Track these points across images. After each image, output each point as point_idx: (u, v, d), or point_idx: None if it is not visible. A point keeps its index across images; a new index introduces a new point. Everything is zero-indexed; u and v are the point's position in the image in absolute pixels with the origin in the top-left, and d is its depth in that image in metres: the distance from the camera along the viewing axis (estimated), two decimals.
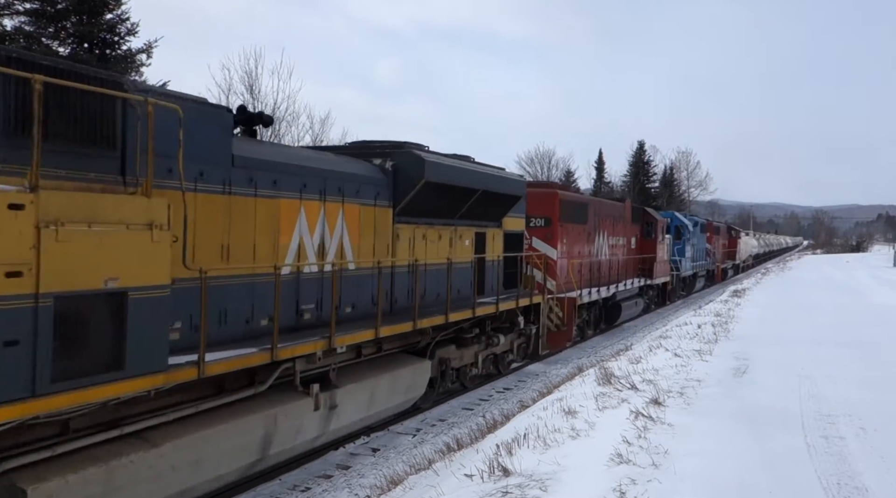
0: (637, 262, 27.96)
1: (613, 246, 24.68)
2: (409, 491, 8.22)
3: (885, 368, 13.73)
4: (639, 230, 28.61)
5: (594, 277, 22.17)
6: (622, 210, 26.48)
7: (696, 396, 10.62)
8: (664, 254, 31.01)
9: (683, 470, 7.19)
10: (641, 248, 28.68)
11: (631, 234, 27.31)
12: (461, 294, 13.13)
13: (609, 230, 24.11)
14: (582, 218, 21.46)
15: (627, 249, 26.74)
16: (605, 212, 24.07)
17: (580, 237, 21.29)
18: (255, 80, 29.88)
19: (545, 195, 19.75)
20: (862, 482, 7.27)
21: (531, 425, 9.08)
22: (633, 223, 27.55)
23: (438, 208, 12.49)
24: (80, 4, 20.24)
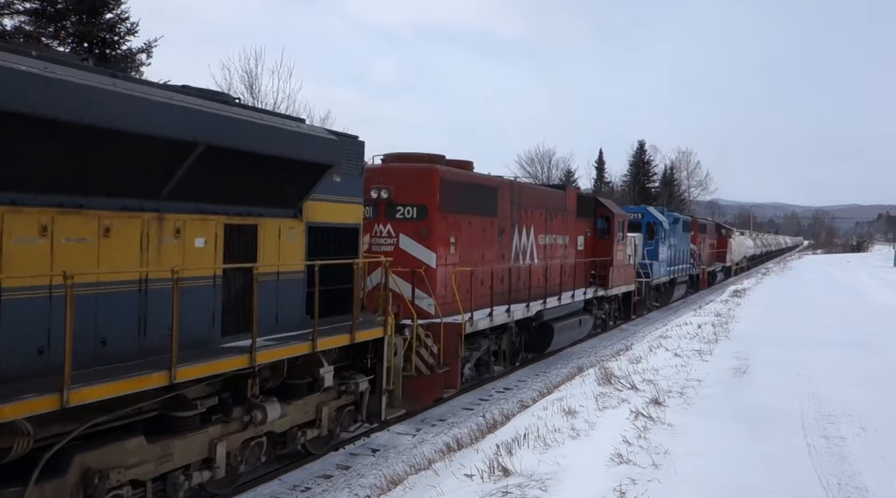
0: (587, 267, 21.85)
1: (547, 247, 18.87)
2: (409, 491, 8.21)
3: (886, 367, 13.72)
4: (589, 227, 22.58)
5: (511, 290, 15.97)
6: (562, 200, 20.20)
7: (696, 396, 10.62)
8: (626, 257, 24.96)
9: (683, 470, 7.18)
10: (594, 249, 22.64)
11: (577, 232, 21.37)
12: (186, 335, 7.42)
13: (539, 226, 18.25)
14: (486, 207, 15.48)
15: (571, 251, 20.71)
16: (530, 201, 17.85)
17: (483, 235, 15.32)
18: (255, 79, 29.86)
19: (418, 173, 13.57)
20: (862, 482, 7.27)
21: (531, 425, 9.07)
22: (580, 218, 21.52)
23: (88, 174, 6.63)
24: (80, 4, 20.24)
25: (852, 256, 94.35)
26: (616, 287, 23.63)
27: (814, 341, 16.90)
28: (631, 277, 25.62)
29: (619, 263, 23.69)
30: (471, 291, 14.09)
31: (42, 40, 20.34)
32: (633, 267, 25.97)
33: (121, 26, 21.13)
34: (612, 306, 24.56)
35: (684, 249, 36.32)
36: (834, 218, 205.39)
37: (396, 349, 11.52)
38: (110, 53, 21.14)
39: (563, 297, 18.72)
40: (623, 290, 24.81)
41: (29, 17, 20.45)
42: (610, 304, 24.15)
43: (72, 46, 20.81)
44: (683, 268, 36.10)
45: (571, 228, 20.76)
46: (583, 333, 20.68)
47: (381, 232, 13.43)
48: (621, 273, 23.96)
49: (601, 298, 22.63)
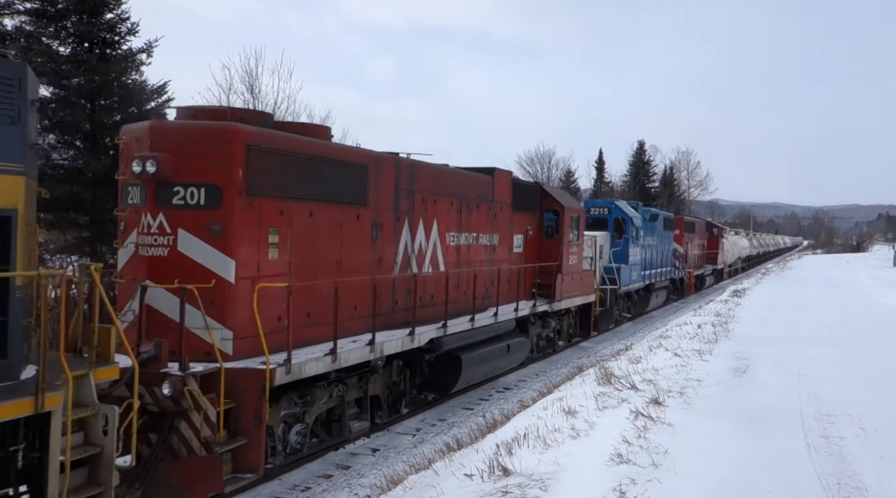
0: (529, 275, 17.04)
1: (462, 250, 14.35)
2: (409, 491, 8.22)
3: (886, 367, 13.73)
4: (532, 224, 17.86)
5: (395, 310, 12.00)
6: (487, 188, 15.31)
7: (696, 396, 10.63)
8: (582, 260, 20.01)
9: (683, 470, 7.19)
10: (539, 252, 17.91)
11: (513, 230, 16.66)
12: None
13: (448, 221, 13.70)
14: (347, 193, 10.75)
15: (503, 254, 16.08)
16: (433, 187, 13.22)
17: (341, 233, 10.62)
18: (256, 79, 29.84)
19: (206, 136, 8.94)
20: (862, 482, 7.28)
21: (531, 425, 9.08)
22: (518, 212, 16.80)
23: None
24: (81, 4, 20.22)
25: (852, 255, 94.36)
26: (567, 299, 18.64)
27: (814, 341, 16.91)
28: (589, 285, 20.63)
29: (572, 269, 18.77)
30: (311, 315, 9.82)
31: (42, 40, 20.35)
32: (592, 273, 21.06)
33: (121, 26, 21.09)
34: (565, 322, 19.84)
35: (666, 250, 32.03)
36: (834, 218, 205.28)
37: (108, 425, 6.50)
38: (111, 53, 21.12)
39: (481, 316, 14.03)
40: (578, 301, 19.75)
41: (29, 17, 20.42)
42: (561, 319, 19.33)
43: (72, 46, 20.82)
44: (664, 271, 31.59)
45: (503, 225, 15.91)
46: (514, 362, 15.86)
47: (150, 226, 8.77)
48: (574, 281, 19.07)
49: (545, 314, 17.92)
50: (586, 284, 20.44)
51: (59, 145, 21.03)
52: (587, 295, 20.66)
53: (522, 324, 16.48)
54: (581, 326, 21.13)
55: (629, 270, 25.36)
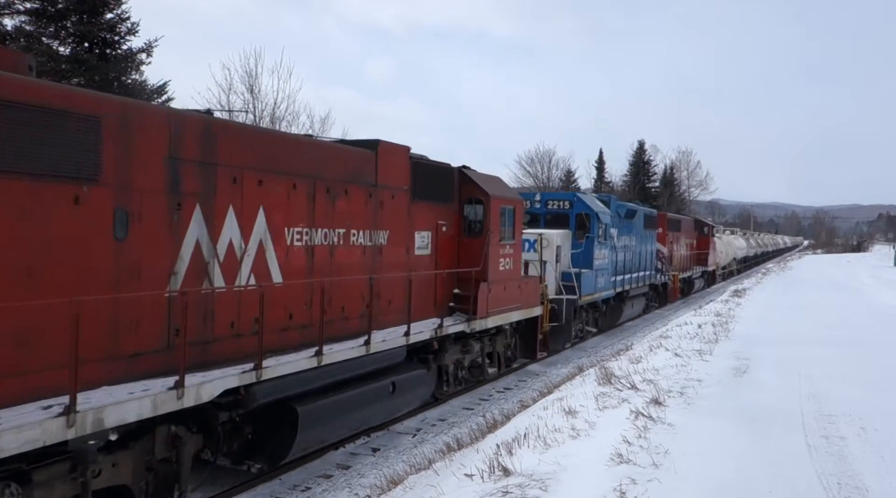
0: (442, 285, 13.16)
1: (322, 251, 10.21)
2: (410, 491, 8.22)
3: (886, 367, 13.73)
4: (448, 218, 13.52)
5: (171, 348, 7.71)
6: (367, 165, 11.16)
7: (696, 396, 10.62)
8: (518, 265, 15.47)
9: (684, 470, 7.19)
10: (458, 254, 13.83)
11: (415, 225, 12.53)
12: None
13: (290, 211, 9.61)
14: (61, 161, 6.61)
15: (395, 257, 11.93)
16: (265, 160, 9.14)
17: (55, 224, 6.59)
18: (256, 79, 29.87)
19: None
20: (862, 482, 7.28)
21: (531, 425, 9.08)
22: (421, 201, 12.54)
23: None
24: (81, 4, 20.25)
25: (852, 255, 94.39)
26: (498, 314, 14.24)
27: (814, 341, 16.91)
28: (532, 295, 16.14)
29: (504, 276, 14.42)
30: None
31: (42, 40, 20.36)
32: (537, 281, 16.80)
33: (121, 26, 21.14)
34: (500, 343, 15.40)
35: (646, 251, 28.09)
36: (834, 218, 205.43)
37: None
38: (111, 53, 21.15)
39: (341, 347, 9.77)
40: (515, 316, 15.28)
41: (29, 17, 20.46)
42: (493, 340, 15.02)
43: (72, 46, 20.83)
44: (643, 276, 27.49)
45: (396, 219, 11.78)
46: (404, 405, 11.71)
47: None
48: (509, 291, 14.74)
49: (464, 337, 13.48)
50: (528, 294, 15.78)
51: None
52: (530, 308, 16.00)
53: (424, 351, 12.31)
54: (526, 346, 16.70)
55: (593, 275, 20.82)
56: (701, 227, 42.30)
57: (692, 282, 38.89)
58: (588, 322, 21.79)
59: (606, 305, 23.59)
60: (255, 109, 29.59)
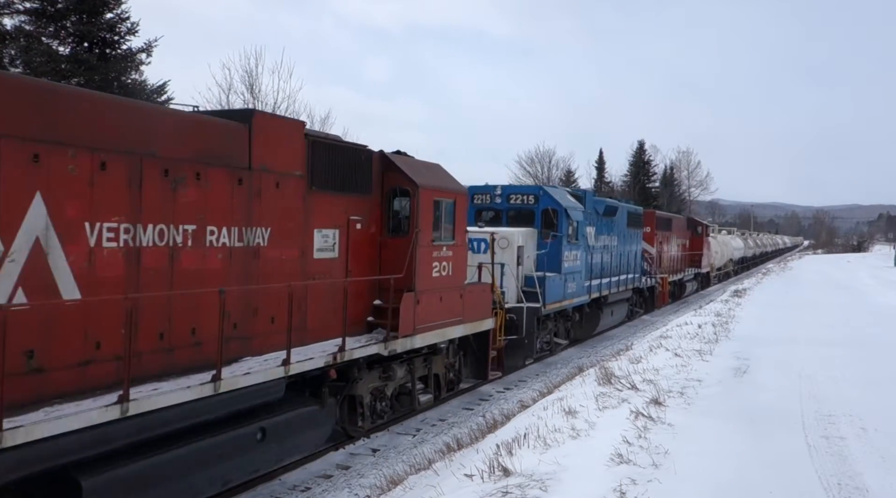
0: (356, 295, 10.56)
1: (158, 255, 7.67)
2: (409, 491, 8.22)
3: (886, 367, 13.71)
4: (367, 213, 11.13)
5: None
6: (236, 144, 8.65)
7: (696, 396, 10.61)
8: (460, 269, 12.94)
9: (684, 470, 7.18)
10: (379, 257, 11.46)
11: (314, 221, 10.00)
12: None
13: (97, 202, 6.98)
14: None
15: (290, 259, 9.55)
16: (47, 128, 6.46)
17: None
18: (256, 79, 29.85)
19: None
20: (863, 482, 7.27)
21: (531, 425, 9.08)
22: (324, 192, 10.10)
23: None
24: (80, 4, 20.24)
25: (853, 255, 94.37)
26: (431, 330, 11.77)
27: (814, 341, 16.90)
28: (481, 306, 13.60)
29: (439, 284, 11.93)
30: None
31: (42, 40, 20.35)
32: (488, 288, 14.05)
33: (121, 26, 21.13)
34: (437, 365, 12.86)
35: (630, 252, 25.78)
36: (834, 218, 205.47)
37: None
38: (110, 53, 21.14)
39: (177, 384, 7.36)
40: (457, 332, 12.74)
41: (29, 17, 20.45)
42: (427, 362, 12.52)
43: (72, 46, 20.82)
44: (626, 279, 24.96)
45: (286, 212, 9.36)
46: (280, 456, 8.97)
47: None
48: (448, 302, 12.26)
49: (384, 360, 10.95)
50: (475, 304, 13.28)
51: None
52: (478, 320, 13.46)
53: (317, 386, 9.55)
54: (478, 363, 14.24)
55: (561, 280, 18.16)
56: (694, 227, 39.97)
57: (684, 285, 36.45)
58: (558, 333, 19.23)
59: (580, 312, 20.80)
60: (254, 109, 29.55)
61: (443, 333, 12.29)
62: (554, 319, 18.68)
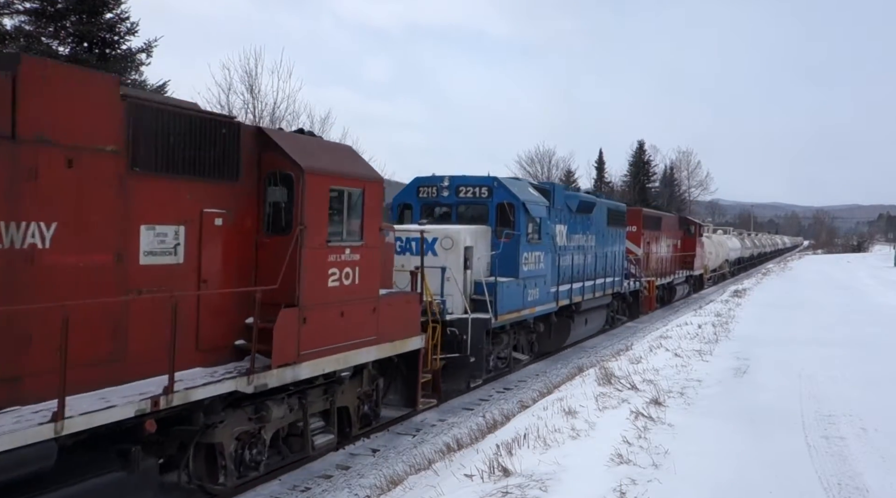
0: (214, 313, 8.30)
1: None
2: (409, 491, 8.21)
3: (886, 367, 13.71)
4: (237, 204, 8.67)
5: None
6: None
7: (696, 396, 10.61)
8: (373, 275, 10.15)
9: (684, 470, 7.18)
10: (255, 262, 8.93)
11: (138, 217, 7.42)
12: None
13: None
14: None
15: (77, 265, 6.75)
16: None
17: None
18: (255, 79, 29.84)
19: None
20: (863, 482, 7.27)
21: (531, 425, 9.07)
22: (159, 176, 7.58)
23: None
24: (80, 4, 20.26)
25: (853, 255, 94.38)
26: (320, 357, 9.15)
27: (814, 341, 16.90)
28: (405, 321, 11.05)
29: (339, 296, 9.42)
30: None
31: (42, 40, 20.36)
32: (416, 299, 11.54)
33: (121, 26, 21.16)
34: (351, 395, 10.48)
35: (610, 253, 23.05)
36: (834, 218, 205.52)
37: None
38: (110, 53, 21.16)
39: None
40: (364, 356, 10.12)
41: (29, 17, 20.47)
42: (328, 394, 9.93)
43: (71, 46, 20.83)
44: (605, 283, 22.09)
45: (87, 201, 6.88)
46: None
47: None
48: (351, 318, 9.71)
49: (252, 398, 8.53)
50: (397, 318, 10.68)
51: None
52: (400, 339, 10.83)
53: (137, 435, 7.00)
54: (407, 389, 11.71)
55: (519, 285, 15.49)
56: (686, 226, 37.53)
57: (674, 288, 33.70)
58: (519, 346, 16.66)
59: (546, 322, 17.93)
60: (254, 109, 29.57)
61: (346, 359, 9.49)
62: (513, 331, 16.13)
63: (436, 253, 13.66)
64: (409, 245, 13.76)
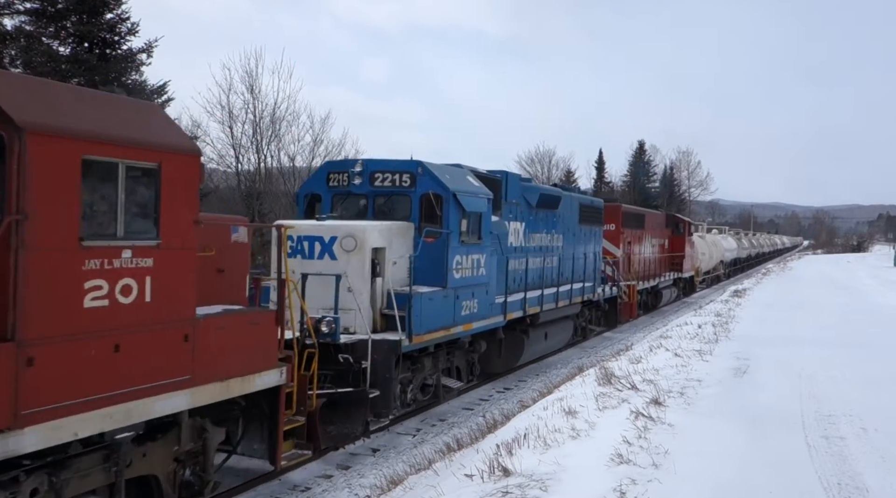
0: None
1: None
2: (409, 491, 8.21)
3: (886, 367, 13.72)
4: None
5: None
6: None
7: (696, 396, 10.62)
8: (182, 292, 6.97)
9: (684, 470, 7.18)
10: None
11: None
12: None
13: None
14: None
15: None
16: None
17: None
18: (256, 79, 29.86)
19: None
20: (863, 482, 7.27)
21: (531, 425, 9.07)
22: None
23: None
24: (81, 4, 20.26)
25: (852, 255, 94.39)
26: (71, 415, 5.92)
27: (814, 341, 16.90)
28: (247, 351, 7.90)
29: (102, 325, 6.17)
30: None
31: (42, 40, 20.37)
32: (270, 319, 8.35)
33: (121, 26, 21.16)
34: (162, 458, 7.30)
35: (583, 255, 20.27)
36: (834, 218, 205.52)
37: None
38: (110, 53, 21.17)
39: None
40: (169, 405, 6.89)
41: (29, 17, 20.48)
42: (108, 466, 6.61)
43: (72, 46, 20.84)
44: (572, 291, 19.02)
45: None
46: None
47: None
48: (132, 356, 6.43)
49: None
50: (234, 346, 7.71)
51: None
52: (240, 376, 7.82)
53: None
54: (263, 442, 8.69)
55: (448, 297, 12.39)
56: (675, 224, 34.78)
57: (659, 292, 30.87)
58: (452, 370, 13.64)
59: (492, 339, 14.75)
60: (255, 109, 29.59)
61: (126, 412, 6.42)
62: (444, 352, 13.05)
63: (335, 256, 10.89)
64: (301, 246, 10.99)
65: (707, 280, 44.07)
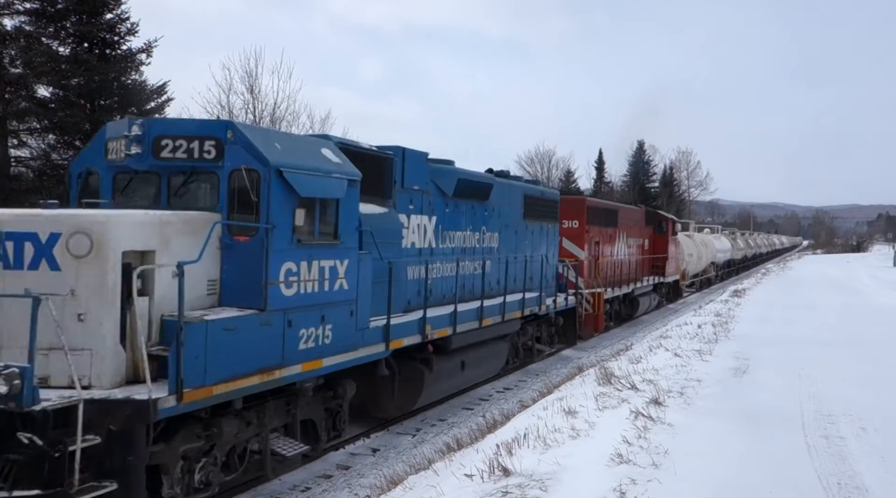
0: None
1: None
2: (409, 491, 8.21)
3: (886, 367, 13.73)
4: None
5: None
6: None
7: (696, 396, 10.62)
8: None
9: (683, 470, 7.19)
10: None
11: None
12: None
13: None
14: None
15: None
16: None
17: None
18: (256, 79, 29.83)
19: None
20: (862, 482, 7.28)
21: (531, 425, 9.08)
22: None
23: None
24: (80, 4, 20.26)
25: (852, 255, 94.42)
26: None
27: (814, 341, 16.91)
28: None
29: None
30: None
31: (42, 40, 20.36)
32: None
33: (121, 26, 21.14)
34: None
35: (530, 258, 16.34)
36: (834, 218, 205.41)
37: None
38: (110, 53, 21.16)
39: None
40: None
41: (29, 17, 20.47)
42: None
43: (72, 46, 20.84)
44: (502, 305, 14.35)
45: None
46: None
47: None
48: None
49: None
50: None
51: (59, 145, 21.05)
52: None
53: None
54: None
55: (274, 324, 8.15)
56: (657, 222, 30.74)
57: (636, 300, 26.54)
58: (293, 429, 9.15)
59: (370, 377, 10.72)
60: (254, 109, 29.58)
61: None
62: (270, 406, 8.62)
63: (56, 265, 6.89)
64: (3, 249, 6.83)
65: (697, 284, 40.78)
